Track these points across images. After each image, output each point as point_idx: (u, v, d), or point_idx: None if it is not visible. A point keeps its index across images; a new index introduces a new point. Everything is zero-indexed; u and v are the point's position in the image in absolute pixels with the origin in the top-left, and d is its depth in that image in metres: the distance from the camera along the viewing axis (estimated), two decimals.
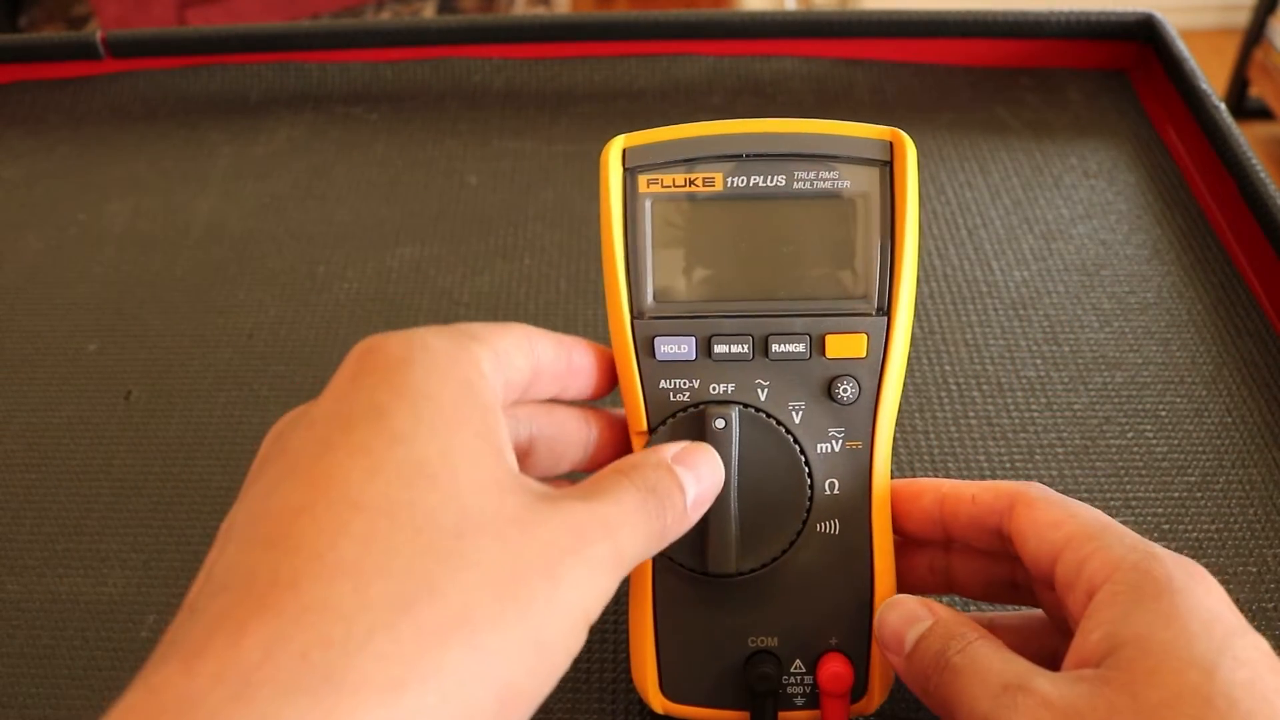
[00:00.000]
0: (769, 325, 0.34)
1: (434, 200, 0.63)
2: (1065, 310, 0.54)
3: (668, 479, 0.29)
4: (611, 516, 0.26)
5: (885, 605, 0.32)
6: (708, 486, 0.31)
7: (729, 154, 0.34)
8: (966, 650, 0.29)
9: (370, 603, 0.21)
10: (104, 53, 0.73)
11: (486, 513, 0.24)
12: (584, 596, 0.24)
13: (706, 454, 0.31)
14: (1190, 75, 0.63)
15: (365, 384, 0.25)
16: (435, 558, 0.22)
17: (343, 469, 0.23)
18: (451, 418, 0.25)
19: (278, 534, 0.22)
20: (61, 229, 0.63)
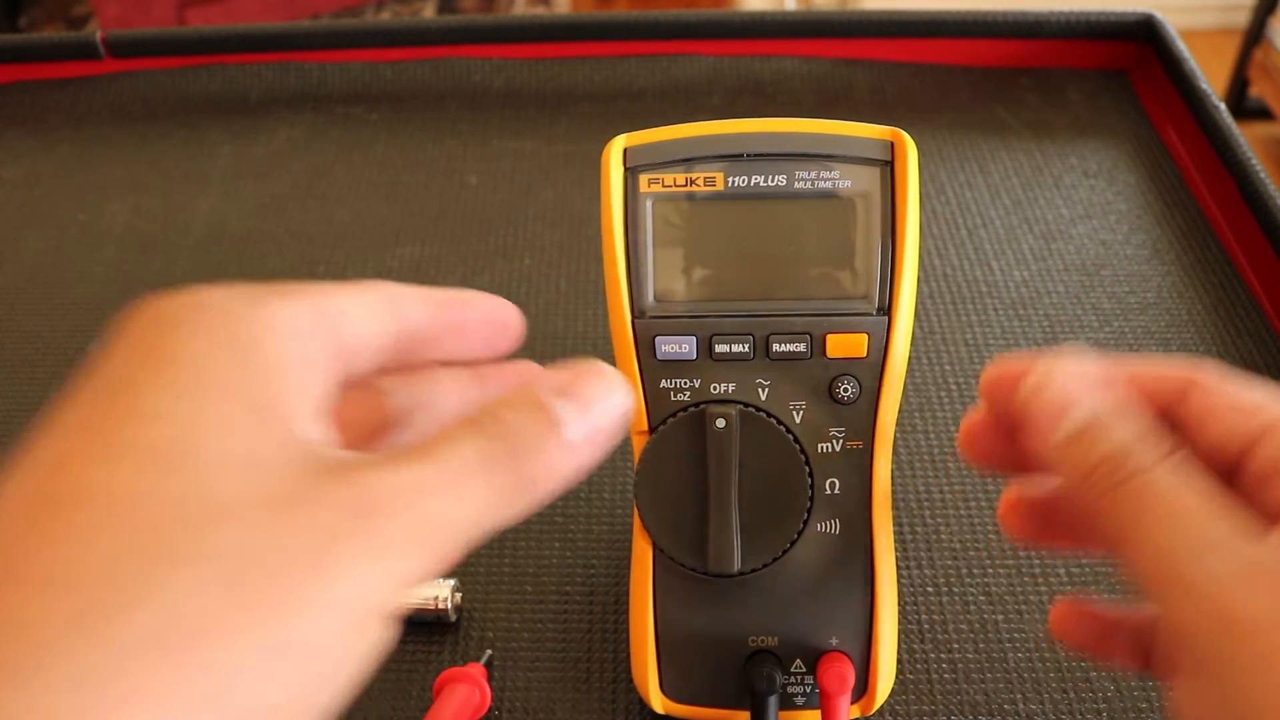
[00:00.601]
0: (770, 325, 0.34)
1: (434, 200, 0.63)
2: (1065, 310, 0.54)
3: (535, 418, 0.23)
4: (426, 480, 0.21)
5: (1048, 366, 0.26)
6: (602, 414, 0.25)
7: (730, 154, 0.34)
8: (1153, 474, 0.24)
9: (55, 618, 0.17)
10: (104, 53, 0.73)
11: (239, 496, 0.20)
12: (366, 587, 0.20)
13: (598, 377, 0.25)
14: (1190, 75, 0.63)
15: (119, 353, 0.21)
16: (156, 556, 0.18)
17: (71, 456, 0.19)
18: (216, 386, 0.21)
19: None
20: (61, 229, 0.63)
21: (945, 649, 0.40)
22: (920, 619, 0.42)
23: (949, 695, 0.39)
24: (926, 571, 0.43)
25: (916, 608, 0.42)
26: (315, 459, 0.21)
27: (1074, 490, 0.25)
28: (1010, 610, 0.42)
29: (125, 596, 0.18)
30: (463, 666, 0.38)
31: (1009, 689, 0.39)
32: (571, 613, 0.42)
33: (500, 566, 0.44)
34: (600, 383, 0.25)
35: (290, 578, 0.19)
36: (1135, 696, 0.39)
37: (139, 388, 0.20)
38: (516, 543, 0.45)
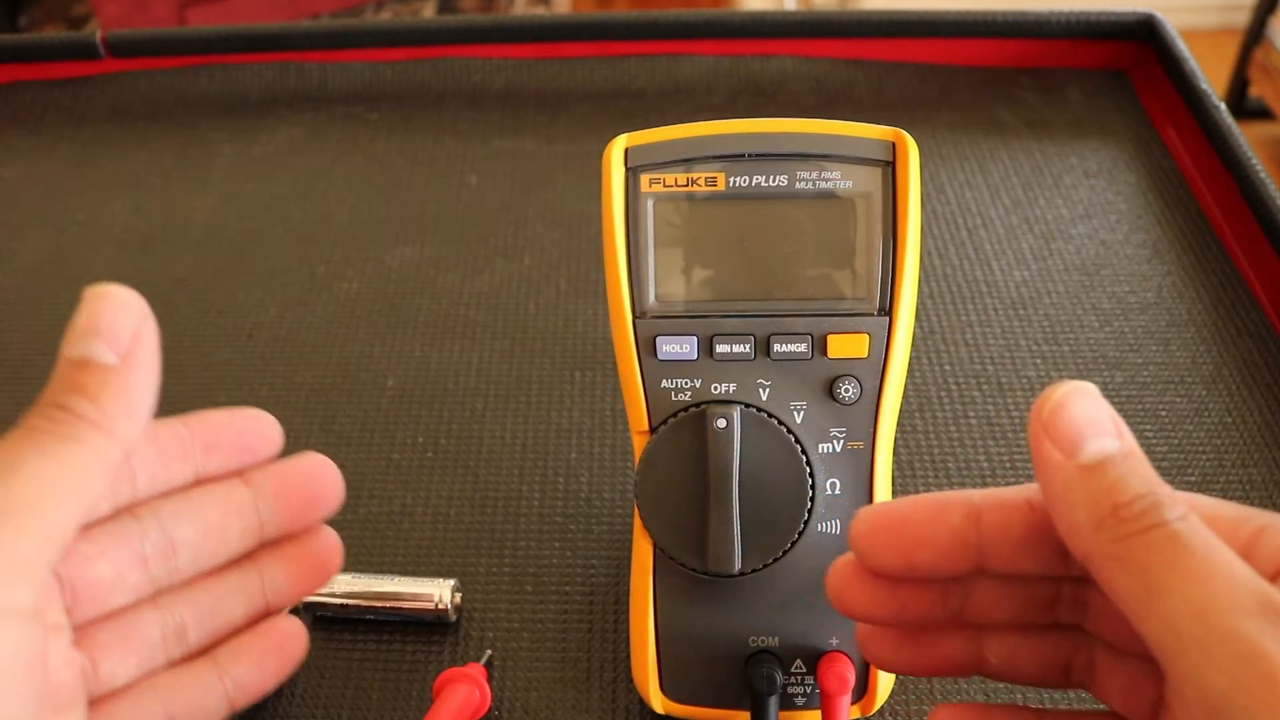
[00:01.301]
0: (771, 325, 0.34)
1: (434, 200, 0.63)
2: (1065, 310, 0.54)
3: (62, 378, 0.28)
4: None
5: (1070, 389, 0.24)
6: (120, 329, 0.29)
7: (731, 154, 0.34)
8: (1190, 521, 0.22)
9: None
10: (104, 53, 0.73)
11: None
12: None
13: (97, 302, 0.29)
14: (1190, 75, 0.63)
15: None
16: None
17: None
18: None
19: None
20: (61, 229, 0.63)
21: None
22: None
23: (949, 695, 0.39)
24: None
25: None
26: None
27: (1078, 529, 0.23)
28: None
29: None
30: (463, 666, 0.38)
31: (1009, 689, 0.39)
32: (571, 613, 0.42)
33: (500, 566, 0.44)
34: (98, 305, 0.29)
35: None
36: None
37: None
38: (516, 543, 0.45)
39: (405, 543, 0.45)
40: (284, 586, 0.33)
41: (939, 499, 0.26)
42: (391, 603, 0.41)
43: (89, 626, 0.28)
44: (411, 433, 0.50)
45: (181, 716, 0.29)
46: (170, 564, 0.30)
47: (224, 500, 0.31)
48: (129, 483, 0.29)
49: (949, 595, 0.27)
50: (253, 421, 0.32)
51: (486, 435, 0.49)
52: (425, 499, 0.47)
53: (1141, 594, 0.21)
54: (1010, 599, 0.27)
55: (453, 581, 0.41)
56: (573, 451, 0.48)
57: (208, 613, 0.31)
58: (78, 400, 0.27)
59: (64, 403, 0.27)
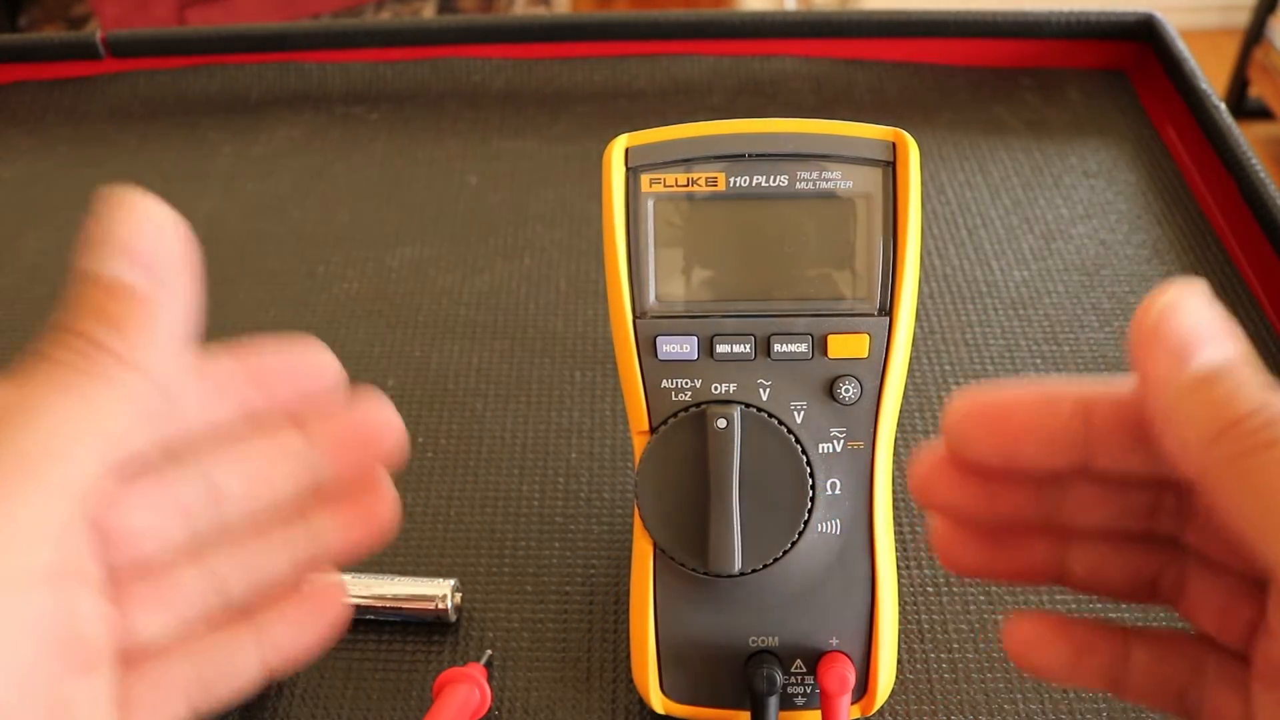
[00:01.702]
0: (771, 325, 0.34)
1: (434, 200, 0.63)
2: (1065, 310, 0.54)
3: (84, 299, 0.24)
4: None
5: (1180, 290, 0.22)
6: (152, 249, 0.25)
7: (731, 154, 0.34)
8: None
9: None
10: (104, 53, 0.73)
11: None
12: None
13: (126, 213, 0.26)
14: (1190, 75, 0.63)
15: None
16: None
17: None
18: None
19: None
20: (61, 229, 0.63)
21: (945, 649, 0.40)
22: (920, 619, 0.42)
23: (949, 695, 0.39)
24: (926, 571, 0.43)
25: (916, 608, 0.42)
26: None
27: (1190, 445, 0.21)
28: (1010, 610, 0.42)
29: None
30: (463, 666, 0.38)
31: (1009, 689, 0.39)
32: (571, 613, 0.42)
33: (500, 566, 0.44)
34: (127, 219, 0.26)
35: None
36: None
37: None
38: (516, 543, 0.45)
39: (405, 543, 0.45)
40: (335, 544, 0.29)
41: (1047, 389, 0.24)
42: (391, 603, 0.41)
43: (123, 579, 0.25)
44: (411, 433, 0.50)
45: (214, 680, 0.26)
46: (214, 514, 0.27)
47: (274, 445, 0.28)
48: (169, 422, 0.26)
49: (1044, 494, 0.25)
50: (308, 355, 0.28)
51: (486, 435, 0.49)
52: (425, 499, 0.47)
53: (1260, 514, 0.20)
54: (1108, 503, 0.25)
55: (453, 581, 0.41)
56: (573, 451, 0.48)
57: (252, 569, 0.27)
58: (102, 329, 0.23)
59: (85, 330, 0.23)
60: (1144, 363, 0.22)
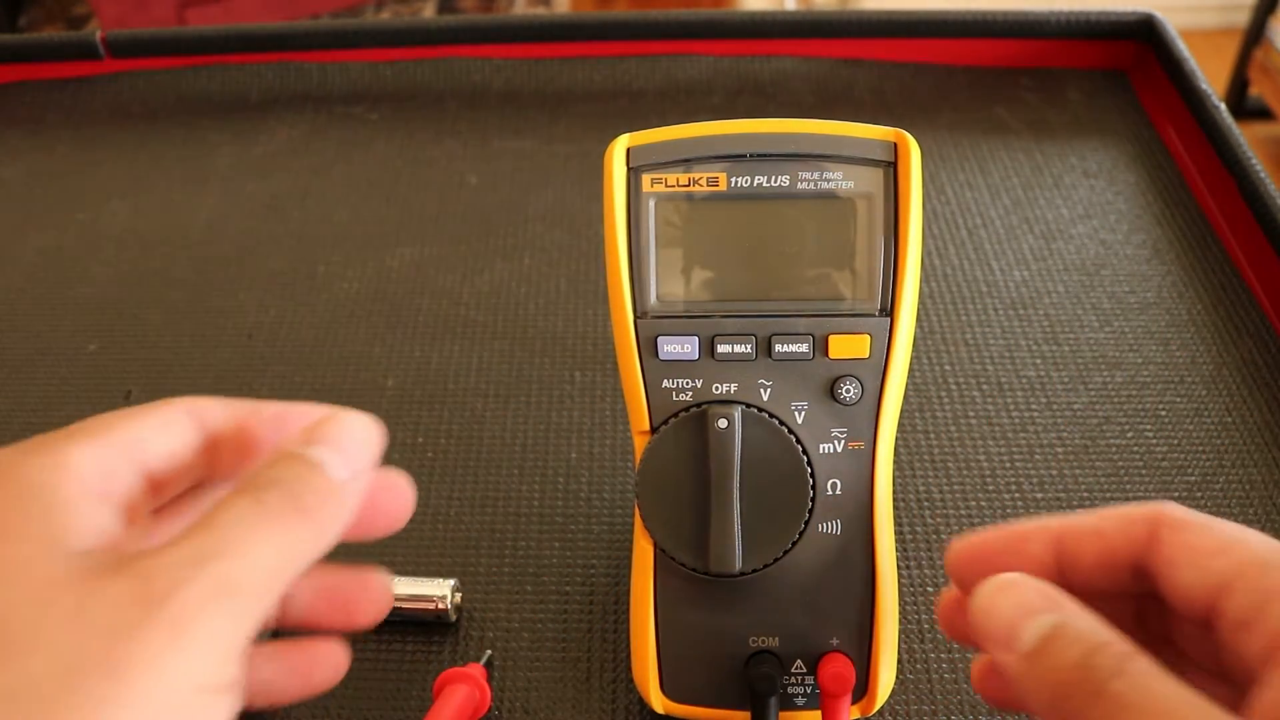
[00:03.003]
0: (772, 325, 0.34)
1: (434, 200, 0.63)
2: (1065, 310, 0.54)
3: (289, 466, 0.25)
4: (206, 547, 0.22)
5: (992, 586, 0.25)
6: (358, 453, 0.26)
7: (733, 154, 0.34)
8: (1128, 673, 0.23)
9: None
10: (104, 53, 0.73)
11: (28, 626, 0.20)
12: (176, 668, 0.20)
13: (340, 421, 0.26)
14: (1190, 75, 0.63)
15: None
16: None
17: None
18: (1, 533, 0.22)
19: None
20: (61, 229, 0.63)
21: (945, 649, 0.40)
22: (920, 619, 0.42)
23: (949, 695, 0.39)
24: (926, 571, 0.43)
25: (916, 608, 0.42)
26: (99, 567, 0.21)
27: (1049, 709, 0.24)
28: None
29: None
30: (463, 666, 0.38)
31: None
32: (571, 613, 0.42)
33: (500, 566, 0.44)
34: (344, 424, 0.26)
35: (93, 689, 0.19)
36: None
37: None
38: (516, 543, 0.45)
39: (405, 543, 0.45)
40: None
41: (1020, 531, 0.27)
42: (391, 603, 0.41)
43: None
44: (411, 433, 0.50)
45: None
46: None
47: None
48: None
49: None
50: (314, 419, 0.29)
51: (486, 435, 0.49)
52: (425, 499, 0.47)
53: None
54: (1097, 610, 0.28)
55: (453, 581, 0.41)
56: (573, 451, 0.48)
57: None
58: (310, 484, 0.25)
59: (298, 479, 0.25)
60: (988, 651, 0.25)
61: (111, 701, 0.19)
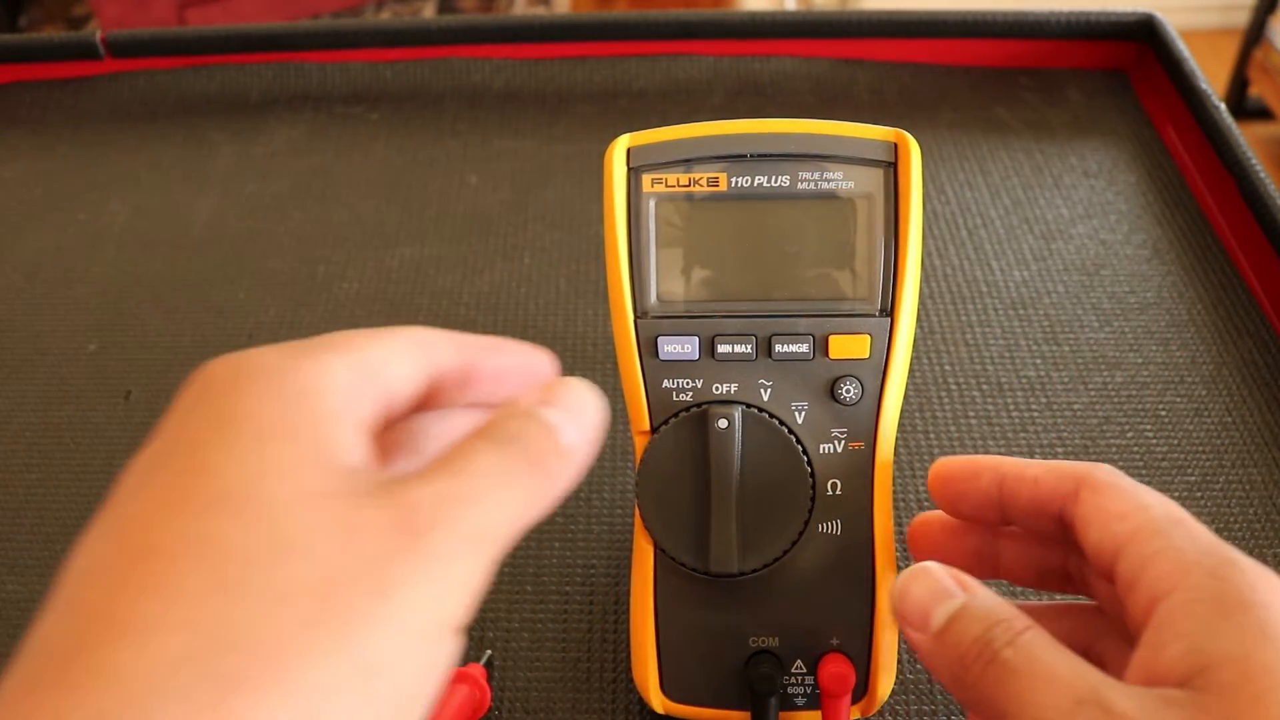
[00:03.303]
0: (772, 325, 0.34)
1: (434, 200, 0.63)
2: (1065, 310, 0.54)
3: (532, 425, 0.25)
4: (461, 490, 0.23)
5: (908, 574, 0.28)
6: (588, 421, 0.26)
7: (733, 154, 0.34)
8: (1018, 643, 0.25)
9: (154, 663, 0.19)
10: (104, 53, 0.73)
11: (299, 530, 0.21)
12: (427, 600, 0.21)
13: (573, 388, 0.27)
14: (1190, 75, 0.63)
15: (186, 419, 0.23)
16: (232, 595, 0.20)
17: (144, 514, 0.21)
18: (269, 436, 0.22)
19: (74, 596, 0.20)
20: (61, 229, 0.63)
21: None
22: None
23: (949, 695, 0.39)
24: None
25: None
26: (368, 481, 0.22)
27: (952, 681, 0.26)
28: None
29: (212, 638, 0.19)
30: (463, 666, 0.38)
31: None
32: (571, 613, 0.42)
33: (500, 566, 0.44)
34: (577, 390, 0.27)
35: (350, 602, 0.20)
36: None
37: (205, 446, 0.22)
38: (516, 543, 0.45)
39: None
40: None
41: (977, 465, 0.31)
42: None
43: None
44: None
45: None
46: None
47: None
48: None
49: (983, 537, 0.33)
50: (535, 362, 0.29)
51: None
52: None
53: (997, 711, 0.25)
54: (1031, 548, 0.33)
55: None
56: None
57: None
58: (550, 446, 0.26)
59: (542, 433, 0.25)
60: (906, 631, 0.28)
61: (370, 618, 0.20)
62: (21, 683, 0.19)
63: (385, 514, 0.21)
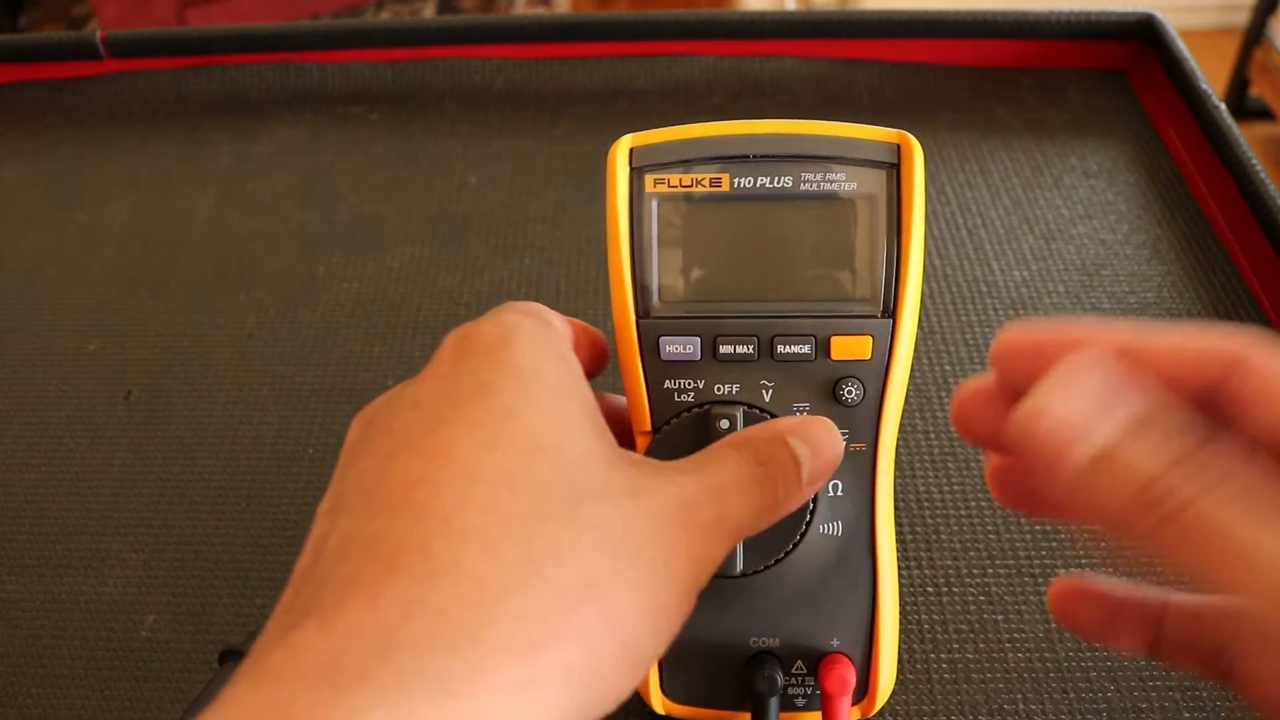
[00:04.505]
0: (774, 326, 0.34)
1: (434, 200, 0.63)
2: (1065, 310, 0.54)
3: (781, 451, 0.28)
4: (718, 486, 0.26)
5: (1044, 388, 0.22)
6: (825, 460, 0.29)
7: (736, 154, 0.34)
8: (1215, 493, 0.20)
9: (502, 564, 0.22)
10: (104, 53, 0.73)
11: (597, 483, 0.24)
12: (693, 565, 0.25)
13: (824, 427, 0.30)
14: (1190, 75, 0.63)
15: (469, 365, 0.26)
16: (558, 523, 0.23)
17: (458, 443, 0.24)
18: (556, 392, 0.26)
19: (399, 503, 0.23)
20: (61, 229, 0.63)
21: (945, 649, 0.41)
22: (920, 619, 0.42)
23: (949, 695, 0.39)
24: (926, 571, 0.43)
25: (916, 608, 0.42)
26: (631, 458, 0.26)
27: (1103, 530, 0.21)
28: (1010, 610, 0.42)
29: (546, 553, 0.22)
30: None
31: (1009, 689, 0.39)
32: None
33: None
34: (826, 432, 0.30)
35: (645, 550, 0.24)
36: (1135, 696, 0.39)
37: (498, 390, 0.25)
38: None
39: None
40: None
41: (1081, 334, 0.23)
42: None
43: None
44: None
45: None
46: None
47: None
48: None
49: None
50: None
51: None
52: None
53: (1184, 581, 0.22)
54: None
55: None
56: None
57: None
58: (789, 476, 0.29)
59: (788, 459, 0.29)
60: (1032, 467, 0.22)
61: (660, 567, 0.24)
62: (354, 574, 0.21)
63: (670, 491, 0.25)
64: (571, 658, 0.22)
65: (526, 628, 0.21)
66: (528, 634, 0.21)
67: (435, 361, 0.27)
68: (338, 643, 0.20)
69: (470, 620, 0.21)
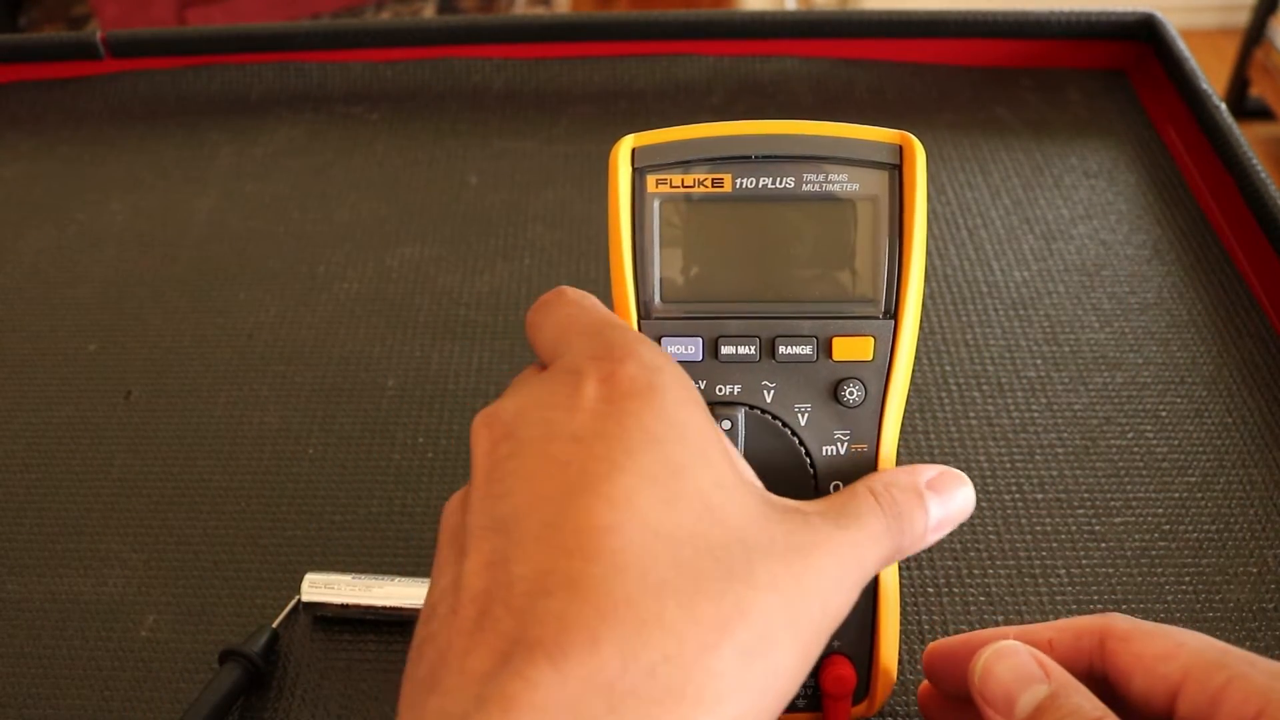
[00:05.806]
0: (776, 327, 0.34)
1: (434, 200, 0.63)
2: (1065, 310, 0.54)
3: (915, 504, 0.30)
4: (861, 542, 0.28)
5: (991, 652, 0.29)
6: (953, 514, 0.31)
7: (738, 155, 0.34)
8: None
9: (699, 622, 0.23)
10: (104, 53, 0.73)
11: (765, 541, 0.26)
12: (835, 623, 0.27)
13: (959, 482, 0.31)
14: (1190, 75, 0.63)
15: (629, 408, 0.26)
16: (742, 583, 0.24)
17: (639, 494, 0.25)
18: (709, 450, 0.27)
19: (591, 547, 0.24)
20: (61, 229, 0.63)
21: None
22: (920, 620, 0.42)
23: None
24: (926, 572, 0.43)
25: (916, 608, 0.42)
26: (779, 507, 0.28)
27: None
28: (1010, 611, 0.42)
29: (733, 612, 0.24)
30: None
31: None
32: None
33: None
34: (961, 487, 0.31)
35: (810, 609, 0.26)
36: None
37: (664, 444, 0.26)
38: None
39: (405, 543, 0.45)
40: None
41: (983, 637, 0.31)
42: (392, 603, 0.41)
43: None
44: (411, 433, 0.50)
45: None
46: None
47: None
48: None
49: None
50: None
51: None
52: (425, 499, 0.47)
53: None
54: None
55: None
56: None
57: None
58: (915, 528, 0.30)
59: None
60: (986, 714, 0.29)
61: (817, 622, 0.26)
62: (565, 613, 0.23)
63: (829, 549, 0.27)
64: (744, 712, 0.23)
65: (717, 684, 0.23)
66: (716, 690, 0.23)
67: (572, 389, 0.27)
68: (573, 690, 0.22)
69: (677, 678, 0.23)
